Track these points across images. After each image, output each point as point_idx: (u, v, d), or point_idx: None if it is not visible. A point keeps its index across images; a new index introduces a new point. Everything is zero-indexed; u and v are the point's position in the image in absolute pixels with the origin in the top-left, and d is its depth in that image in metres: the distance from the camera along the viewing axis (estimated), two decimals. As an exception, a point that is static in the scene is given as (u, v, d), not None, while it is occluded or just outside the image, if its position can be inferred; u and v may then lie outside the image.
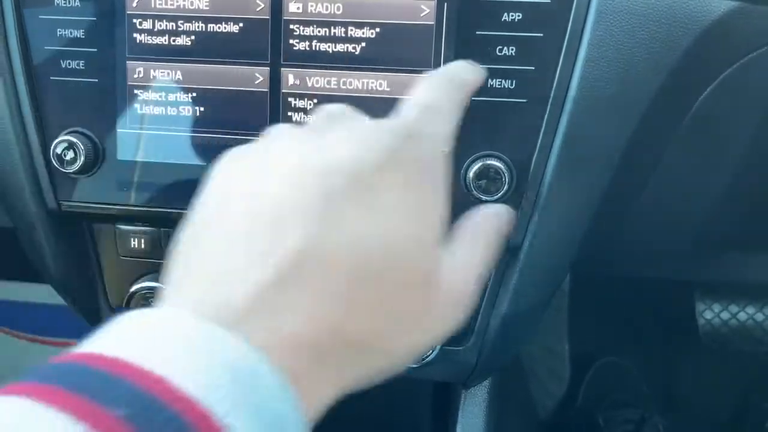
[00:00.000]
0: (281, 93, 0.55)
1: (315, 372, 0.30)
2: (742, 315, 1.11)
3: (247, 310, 0.29)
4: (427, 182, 0.35)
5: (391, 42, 0.53)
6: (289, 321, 0.29)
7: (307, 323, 0.30)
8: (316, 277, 0.30)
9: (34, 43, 0.56)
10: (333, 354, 0.30)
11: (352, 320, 0.31)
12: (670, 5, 0.51)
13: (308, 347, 0.29)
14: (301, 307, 0.29)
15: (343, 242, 0.31)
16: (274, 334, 0.29)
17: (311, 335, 0.30)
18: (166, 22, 0.54)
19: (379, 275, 0.32)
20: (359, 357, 0.32)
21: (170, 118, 0.56)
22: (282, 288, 0.29)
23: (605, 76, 0.52)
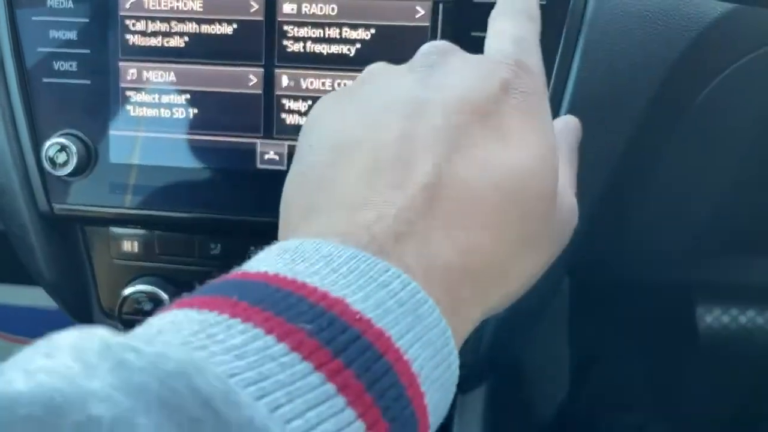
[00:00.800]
0: (275, 95, 0.54)
1: (465, 300, 0.29)
2: (742, 318, 1.10)
3: (398, 238, 0.28)
4: (542, 106, 0.35)
5: (386, 43, 0.52)
6: (441, 249, 0.29)
7: (458, 250, 0.29)
8: (454, 206, 0.30)
9: (26, 45, 0.56)
10: (481, 280, 0.30)
11: (496, 244, 0.31)
12: (666, 7, 0.50)
13: (459, 274, 0.29)
14: (449, 234, 0.29)
15: (474, 171, 0.30)
16: (428, 261, 0.28)
17: (462, 262, 0.29)
18: (159, 23, 0.54)
19: (515, 198, 0.31)
20: (501, 280, 0.32)
21: (163, 120, 0.55)
22: (430, 215, 0.29)
23: (601, 78, 0.51)
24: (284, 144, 0.55)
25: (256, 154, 0.55)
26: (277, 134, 0.55)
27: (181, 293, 0.62)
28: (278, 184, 0.55)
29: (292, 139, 0.55)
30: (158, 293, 0.58)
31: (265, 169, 0.55)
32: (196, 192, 0.56)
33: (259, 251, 0.28)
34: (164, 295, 0.58)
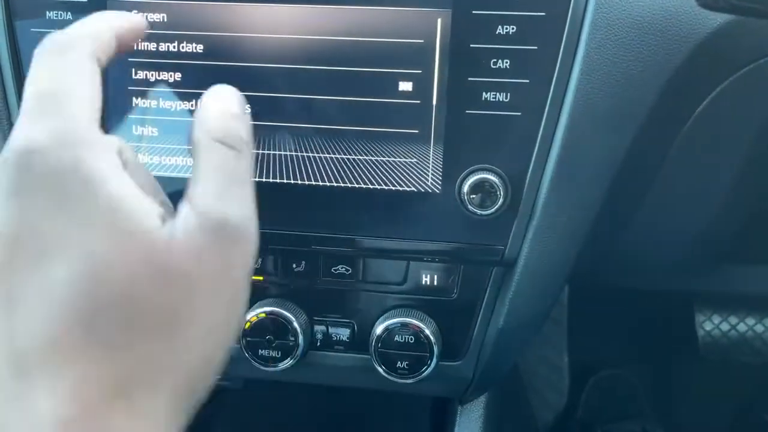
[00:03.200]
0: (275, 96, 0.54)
1: None
2: (741, 326, 1.10)
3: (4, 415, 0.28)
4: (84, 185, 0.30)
5: (390, 57, 0.52)
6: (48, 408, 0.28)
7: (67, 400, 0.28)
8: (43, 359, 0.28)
9: (25, 57, 0.56)
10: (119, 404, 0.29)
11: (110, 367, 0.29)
12: (665, 18, 0.50)
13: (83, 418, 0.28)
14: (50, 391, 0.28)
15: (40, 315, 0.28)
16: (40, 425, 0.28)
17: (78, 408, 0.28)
18: (161, 38, 0.54)
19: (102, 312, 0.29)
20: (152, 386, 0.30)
21: (162, 131, 0.55)
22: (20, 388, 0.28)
23: (600, 89, 0.51)
24: (293, 155, 0.55)
25: (259, 165, 0.55)
26: (280, 149, 0.55)
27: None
28: (278, 196, 0.55)
29: (295, 151, 0.55)
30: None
31: (265, 181, 0.55)
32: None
33: None
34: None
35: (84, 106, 0.32)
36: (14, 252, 0.29)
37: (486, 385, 0.67)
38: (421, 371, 0.58)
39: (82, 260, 0.29)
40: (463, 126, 0.52)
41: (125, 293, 0.29)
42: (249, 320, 0.58)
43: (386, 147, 0.53)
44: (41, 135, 0.30)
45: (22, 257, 0.29)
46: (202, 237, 0.31)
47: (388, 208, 0.54)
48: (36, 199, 0.29)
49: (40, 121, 0.31)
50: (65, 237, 0.29)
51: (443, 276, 0.59)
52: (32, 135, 0.30)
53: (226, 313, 0.33)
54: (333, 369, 0.62)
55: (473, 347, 0.60)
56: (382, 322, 0.58)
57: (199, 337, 0.31)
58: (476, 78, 0.52)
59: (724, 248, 0.75)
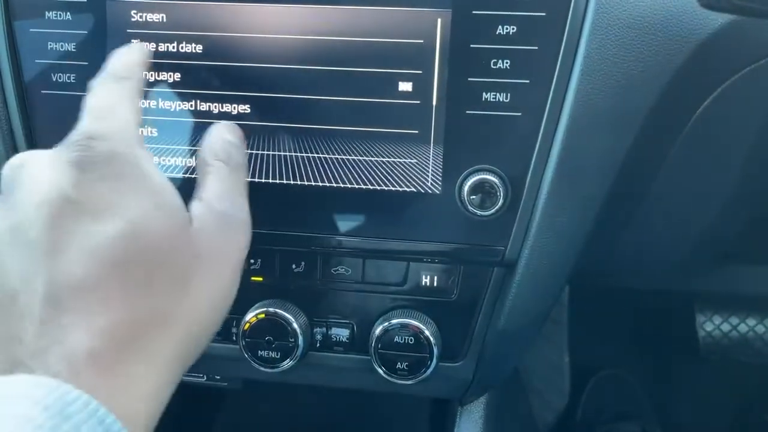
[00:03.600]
0: (276, 97, 0.54)
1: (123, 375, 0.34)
2: (742, 327, 1.10)
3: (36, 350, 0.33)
4: (130, 169, 0.38)
5: (391, 57, 0.52)
6: (79, 341, 0.33)
7: (96, 335, 0.33)
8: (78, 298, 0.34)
9: (24, 57, 0.56)
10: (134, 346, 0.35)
11: (131, 312, 0.35)
12: (666, 18, 0.50)
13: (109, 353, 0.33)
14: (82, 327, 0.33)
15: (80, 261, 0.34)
16: (72, 356, 0.32)
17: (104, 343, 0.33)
18: (161, 38, 0.54)
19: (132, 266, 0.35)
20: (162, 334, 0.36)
21: (161, 132, 0.55)
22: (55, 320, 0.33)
23: (601, 89, 0.51)
24: (293, 156, 0.55)
25: (259, 166, 0.55)
26: (281, 149, 0.54)
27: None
28: (278, 197, 0.55)
29: (295, 152, 0.54)
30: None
31: (265, 182, 0.55)
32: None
33: None
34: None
35: (133, 118, 0.42)
36: (71, 208, 0.36)
37: (486, 386, 0.67)
38: (421, 372, 0.58)
39: (124, 221, 0.36)
40: (463, 126, 0.52)
41: (154, 253, 0.37)
42: (248, 321, 0.58)
43: (386, 147, 0.53)
44: (103, 128, 0.39)
45: (75, 213, 0.35)
46: (210, 224, 0.41)
47: (388, 208, 0.54)
48: (96, 173, 0.37)
49: (100, 121, 0.40)
50: (115, 203, 0.36)
51: (443, 277, 0.59)
52: (96, 127, 0.39)
53: (224, 284, 0.42)
54: (333, 370, 0.62)
55: (473, 348, 0.60)
56: (382, 323, 0.58)
57: (203, 298, 0.39)
58: (476, 78, 0.51)
59: (725, 249, 0.75)
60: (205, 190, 0.44)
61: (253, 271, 0.60)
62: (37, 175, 0.37)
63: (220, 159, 0.46)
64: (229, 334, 0.61)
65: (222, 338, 0.61)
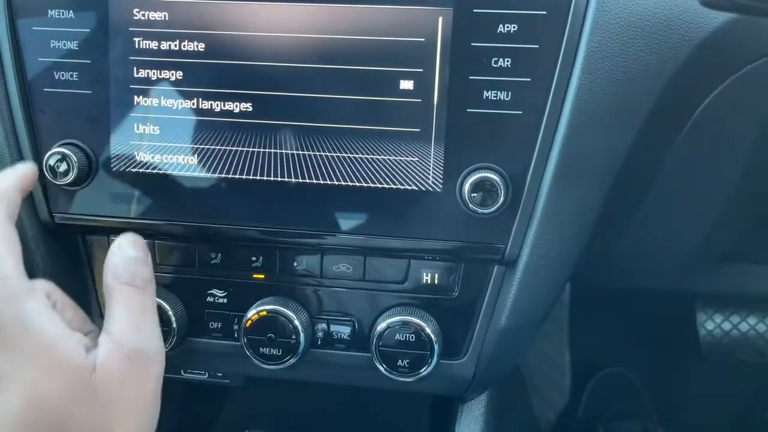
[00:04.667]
0: (277, 95, 0.54)
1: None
2: (743, 325, 1.10)
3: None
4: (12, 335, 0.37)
5: (392, 55, 0.52)
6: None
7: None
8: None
9: (27, 55, 0.56)
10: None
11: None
12: (667, 17, 0.50)
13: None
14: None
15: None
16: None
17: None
18: (163, 36, 0.54)
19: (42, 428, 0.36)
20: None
21: (163, 130, 0.55)
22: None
23: (602, 88, 0.51)
24: (294, 154, 0.55)
25: (260, 164, 0.55)
26: (282, 147, 0.55)
27: (182, 301, 0.61)
28: (280, 194, 0.55)
29: (296, 150, 0.55)
30: (159, 302, 0.58)
31: (267, 180, 0.55)
32: (197, 201, 0.56)
33: None
34: (165, 304, 0.58)
35: (10, 262, 0.39)
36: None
37: (487, 384, 0.67)
38: (421, 370, 0.58)
39: (24, 391, 0.36)
40: (464, 125, 0.52)
41: (60, 415, 0.36)
42: (250, 318, 0.58)
43: (387, 145, 0.53)
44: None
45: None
46: (120, 363, 0.40)
47: (389, 206, 0.54)
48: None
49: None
50: (10, 373, 0.36)
51: (444, 275, 0.59)
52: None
53: (143, 421, 0.41)
54: (334, 367, 0.62)
55: (474, 346, 0.60)
56: (383, 321, 0.58)
57: None
58: (477, 77, 0.52)
59: (725, 248, 0.75)
60: (112, 322, 0.42)
61: (255, 269, 0.60)
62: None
63: (124, 281, 0.44)
64: (230, 332, 0.61)
65: (224, 336, 0.61)
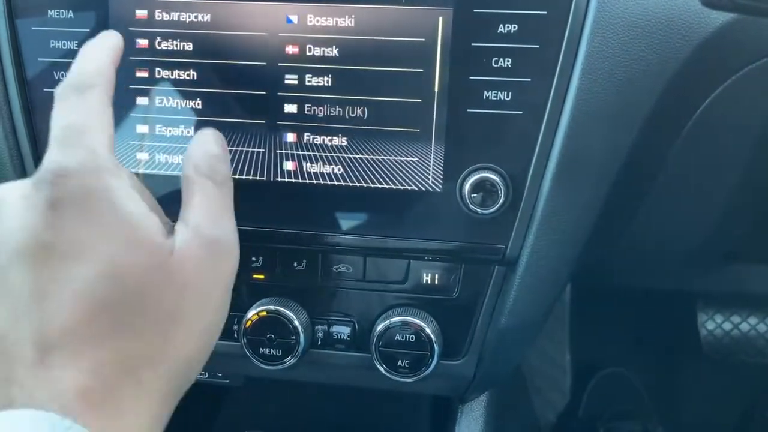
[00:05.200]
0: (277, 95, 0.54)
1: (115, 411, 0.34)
2: (744, 325, 1.10)
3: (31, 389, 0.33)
4: (105, 202, 0.37)
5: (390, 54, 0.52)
6: (70, 378, 0.33)
7: (86, 373, 0.34)
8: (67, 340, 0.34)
9: (26, 55, 0.56)
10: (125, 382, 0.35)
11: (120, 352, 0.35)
12: (667, 17, 0.50)
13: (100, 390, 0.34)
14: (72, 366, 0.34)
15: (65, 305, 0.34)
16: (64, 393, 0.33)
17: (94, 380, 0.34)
18: (163, 36, 0.54)
19: (117, 306, 0.35)
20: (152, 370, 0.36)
21: (164, 131, 0.55)
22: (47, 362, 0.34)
23: (602, 88, 0.51)
24: (294, 154, 0.55)
25: (261, 164, 0.55)
26: (282, 147, 0.55)
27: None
28: (280, 194, 0.55)
29: (297, 150, 0.55)
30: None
31: (266, 180, 0.55)
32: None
33: None
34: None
35: (102, 138, 0.39)
36: (49, 254, 0.35)
37: (487, 385, 0.67)
38: (421, 370, 0.58)
39: (103, 263, 0.35)
40: (464, 125, 0.52)
41: (136, 291, 0.36)
42: (250, 319, 0.58)
43: (387, 145, 0.53)
44: (70, 161, 0.37)
45: (55, 258, 0.35)
46: (197, 250, 0.39)
47: (389, 206, 0.54)
48: (67, 212, 0.36)
49: (68, 150, 0.37)
50: (90, 244, 0.35)
51: (444, 275, 0.59)
52: (63, 161, 0.37)
53: (215, 314, 0.40)
54: (334, 367, 0.62)
55: (474, 346, 0.60)
56: (383, 321, 0.58)
57: (193, 330, 0.38)
58: (477, 77, 0.51)
59: (726, 248, 0.75)
60: (190, 211, 0.41)
61: (255, 269, 0.60)
62: (12, 219, 0.36)
63: (204, 174, 0.43)
64: (230, 332, 0.61)
65: (223, 336, 0.61)
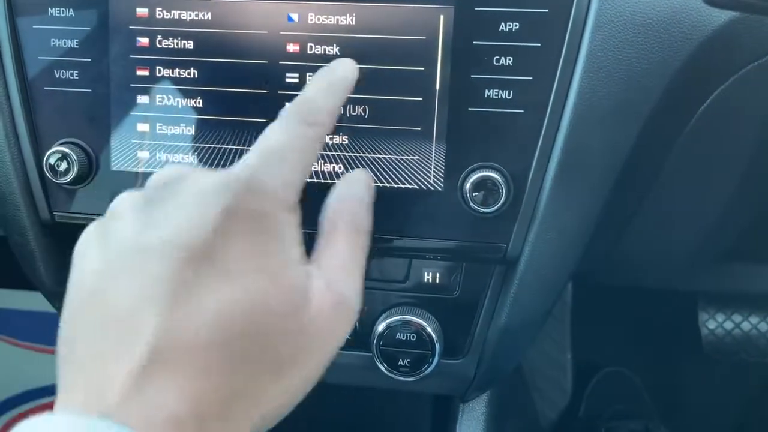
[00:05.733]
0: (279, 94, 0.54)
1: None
2: (745, 325, 1.10)
3: (123, 397, 0.30)
4: (272, 234, 0.36)
5: (390, 54, 0.52)
6: (166, 402, 0.31)
7: (184, 401, 0.31)
8: (182, 357, 0.32)
9: (27, 53, 0.56)
10: (217, 419, 0.32)
11: (227, 386, 0.33)
12: (669, 16, 0.50)
13: (192, 423, 0.31)
14: (174, 388, 0.31)
15: (198, 319, 0.32)
16: (153, 416, 0.30)
17: (190, 410, 0.31)
18: (164, 34, 0.54)
19: (243, 333, 0.33)
20: (249, 408, 0.34)
21: (164, 129, 0.55)
22: (151, 373, 0.31)
23: (604, 87, 0.51)
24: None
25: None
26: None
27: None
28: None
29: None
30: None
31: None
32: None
33: None
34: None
35: (301, 177, 0.39)
36: (204, 258, 0.33)
37: (488, 384, 0.67)
38: (422, 369, 0.58)
39: (251, 291, 0.34)
40: (466, 123, 0.52)
41: (267, 330, 0.34)
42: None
43: (388, 144, 0.53)
44: (264, 181, 0.37)
45: (208, 265, 0.33)
46: (328, 307, 0.38)
47: (390, 205, 0.54)
48: (238, 228, 0.34)
49: (270, 169, 0.37)
50: (247, 267, 0.34)
51: (445, 274, 0.59)
52: (256, 176, 0.37)
53: (319, 369, 0.39)
54: (334, 366, 0.61)
55: (475, 345, 0.60)
56: (384, 320, 0.58)
57: (299, 378, 0.37)
58: (479, 75, 0.51)
59: (728, 247, 0.75)
60: (328, 259, 0.40)
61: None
62: (189, 208, 0.35)
63: (349, 221, 0.41)
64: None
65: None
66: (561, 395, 1.16)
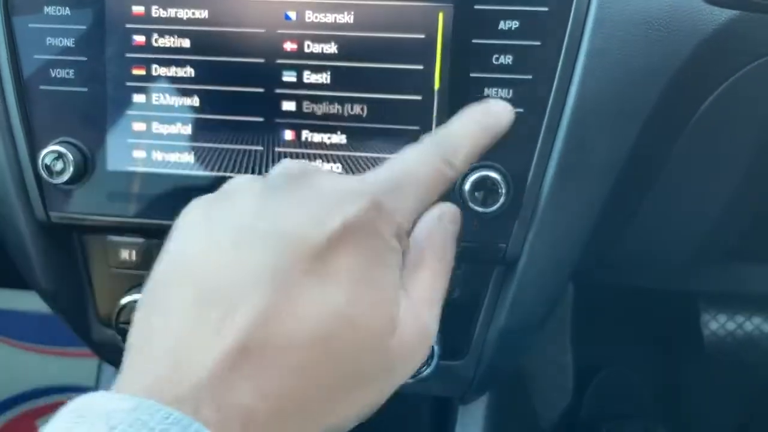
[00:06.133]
0: (275, 92, 0.54)
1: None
2: (747, 325, 1.09)
3: (197, 386, 0.29)
4: (381, 256, 0.35)
5: (389, 51, 0.52)
6: (244, 396, 0.30)
7: (263, 398, 0.30)
8: (273, 355, 0.30)
9: (23, 52, 0.56)
10: (291, 421, 0.31)
11: (307, 387, 0.31)
12: (670, 14, 0.50)
13: (263, 421, 0.30)
14: (255, 382, 0.30)
15: (297, 321, 0.31)
16: (227, 409, 0.29)
17: (266, 409, 0.30)
18: (160, 33, 0.54)
19: (332, 344, 0.32)
20: (321, 418, 0.33)
21: (161, 128, 0.55)
22: (239, 364, 0.30)
23: (604, 85, 0.51)
24: (292, 152, 0.54)
25: (259, 162, 0.54)
26: (281, 146, 0.54)
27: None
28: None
29: (295, 148, 0.54)
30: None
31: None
32: (195, 200, 0.56)
33: None
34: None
35: (422, 209, 0.38)
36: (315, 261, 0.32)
37: (488, 385, 0.67)
38: (421, 371, 0.58)
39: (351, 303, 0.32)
40: (464, 123, 0.52)
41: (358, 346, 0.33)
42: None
43: (387, 143, 0.53)
44: (389, 202, 0.35)
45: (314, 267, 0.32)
46: (410, 336, 0.36)
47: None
48: (354, 238, 0.33)
49: (396, 194, 0.36)
50: (350, 280, 0.33)
51: (444, 274, 0.58)
52: (385, 195, 0.35)
53: (395, 387, 0.37)
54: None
55: (474, 347, 0.60)
56: (383, 321, 0.58)
57: (372, 396, 0.35)
58: (478, 74, 0.51)
59: (729, 247, 0.75)
60: (417, 285, 0.39)
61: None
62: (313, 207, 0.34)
63: (439, 251, 0.41)
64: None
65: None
66: (561, 396, 1.15)
